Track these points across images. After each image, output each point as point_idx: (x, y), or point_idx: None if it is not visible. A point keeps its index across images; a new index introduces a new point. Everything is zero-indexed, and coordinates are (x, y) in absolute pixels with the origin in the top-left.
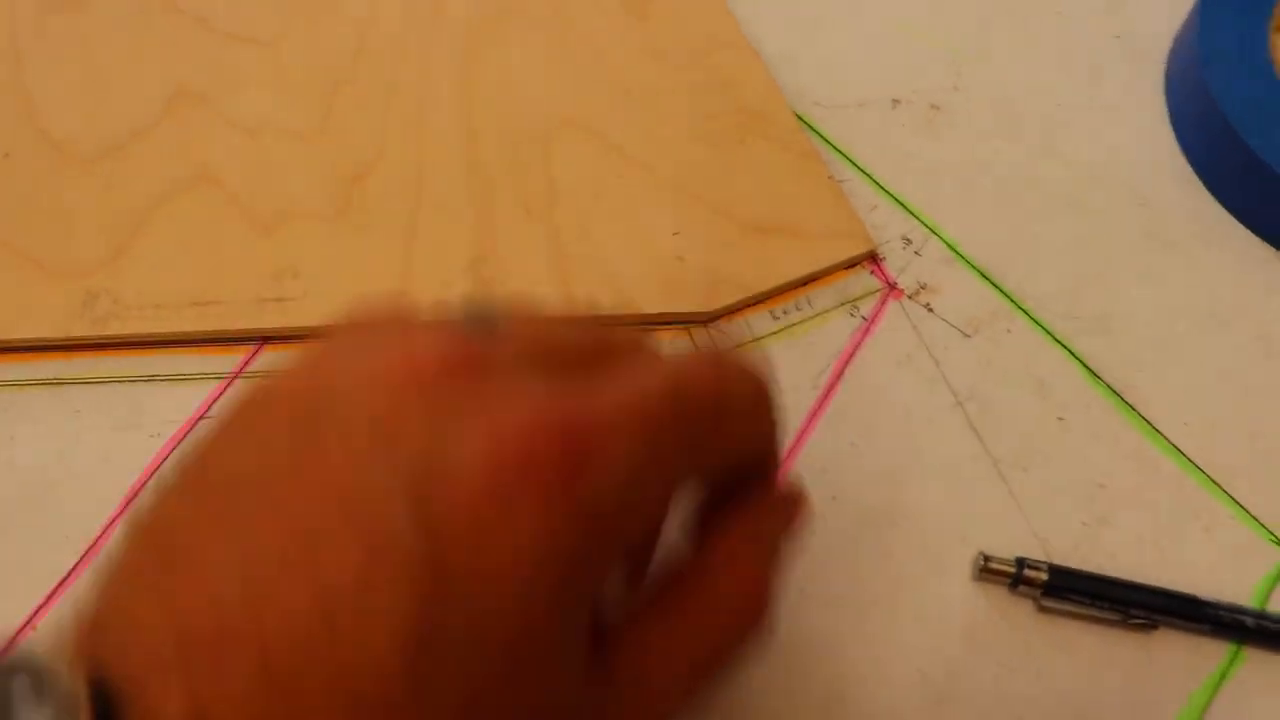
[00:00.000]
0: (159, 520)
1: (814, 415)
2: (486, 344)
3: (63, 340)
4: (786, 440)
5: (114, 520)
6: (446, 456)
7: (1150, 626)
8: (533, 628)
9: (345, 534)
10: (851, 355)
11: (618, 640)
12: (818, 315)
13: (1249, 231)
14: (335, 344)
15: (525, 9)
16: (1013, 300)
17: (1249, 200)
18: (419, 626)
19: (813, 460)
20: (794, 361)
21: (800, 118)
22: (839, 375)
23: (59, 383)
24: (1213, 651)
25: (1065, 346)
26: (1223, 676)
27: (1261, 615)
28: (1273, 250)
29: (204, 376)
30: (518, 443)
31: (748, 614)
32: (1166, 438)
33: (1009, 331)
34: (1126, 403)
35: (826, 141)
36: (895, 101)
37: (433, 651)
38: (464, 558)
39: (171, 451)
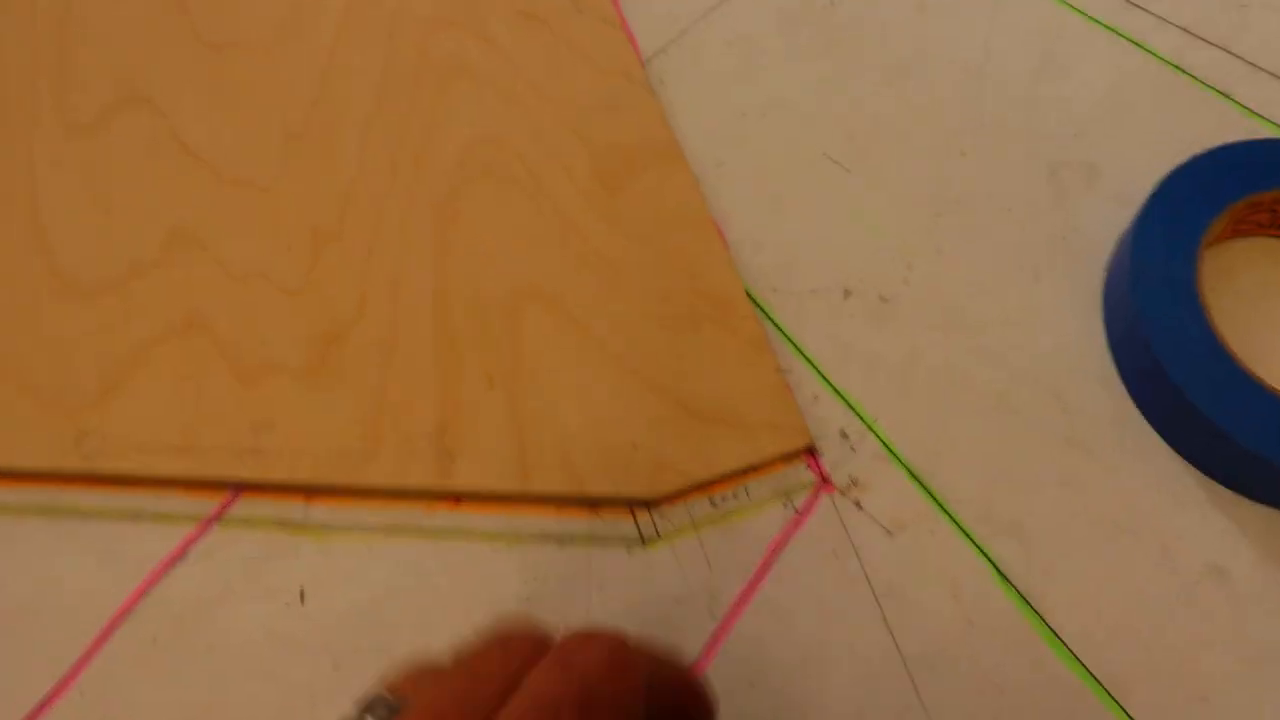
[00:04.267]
0: None
1: (741, 603)
2: None
3: (54, 471)
4: (715, 626)
5: (92, 650)
6: None
7: None
8: None
9: None
10: (781, 546)
11: None
12: (754, 505)
13: (1166, 445)
14: None
15: (504, 171)
16: (938, 501)
17: (1165, 416)
18: None
19: (736, 647)
20: (727, 549)
21: (755, 300)
22: (768, 565)
23: (49, 511)
24: None
25: (981, 550)
26: None
27: None
28: (1186, 465)
29: (184, 517)
30: None
31: None
32: (1068, 647)
33: (931, 533)
34: (1034, 610)
35: (778, 327)
36: (847, 292)
37: None
38: None
39: (147, 589)
